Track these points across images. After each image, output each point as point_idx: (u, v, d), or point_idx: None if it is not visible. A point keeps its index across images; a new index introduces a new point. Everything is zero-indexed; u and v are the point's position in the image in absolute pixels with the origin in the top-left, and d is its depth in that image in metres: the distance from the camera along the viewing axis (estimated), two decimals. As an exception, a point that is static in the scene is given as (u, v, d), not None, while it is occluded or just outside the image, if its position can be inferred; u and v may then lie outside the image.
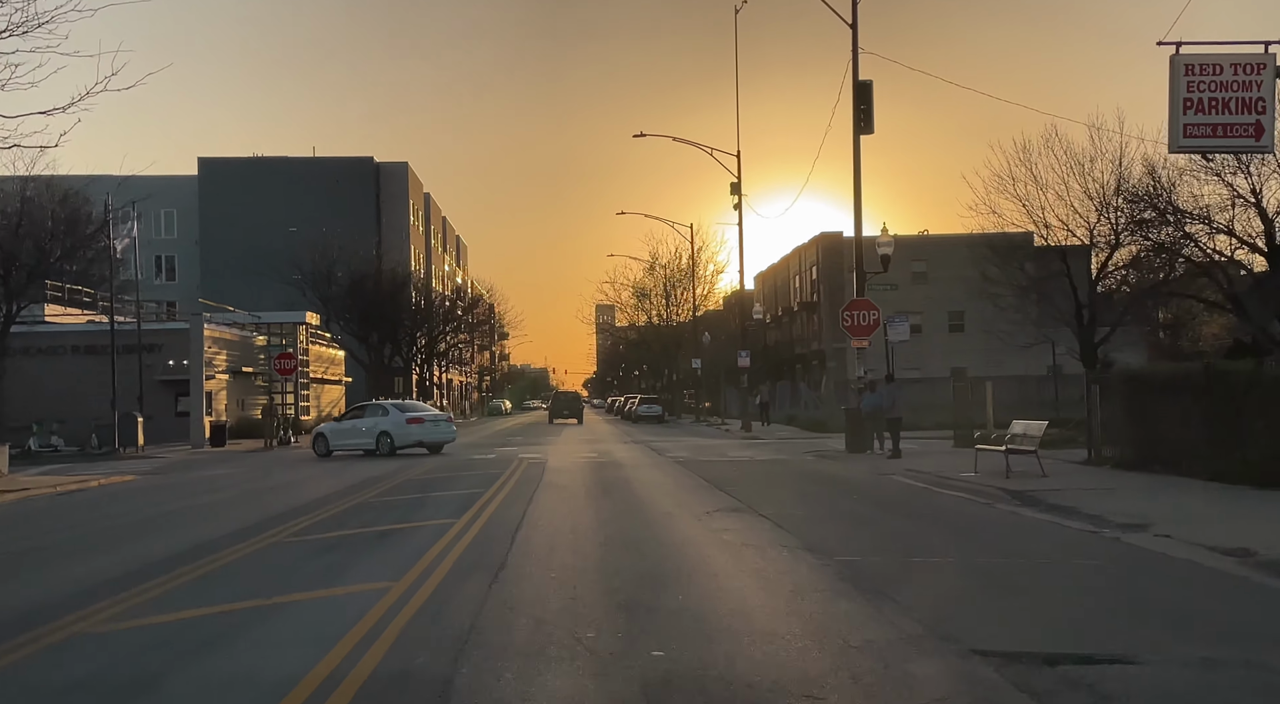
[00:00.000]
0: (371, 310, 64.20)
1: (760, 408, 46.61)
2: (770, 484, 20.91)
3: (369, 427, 33.50)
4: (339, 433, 34.33)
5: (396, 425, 32.72)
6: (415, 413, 34.17)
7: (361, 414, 34.94)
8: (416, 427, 32.98)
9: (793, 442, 37.02)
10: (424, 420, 33.30)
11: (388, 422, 33.04)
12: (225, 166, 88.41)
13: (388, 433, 32.75)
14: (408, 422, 32.81)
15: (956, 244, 74.53)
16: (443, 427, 33.69)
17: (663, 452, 32.21)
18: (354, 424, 34.25)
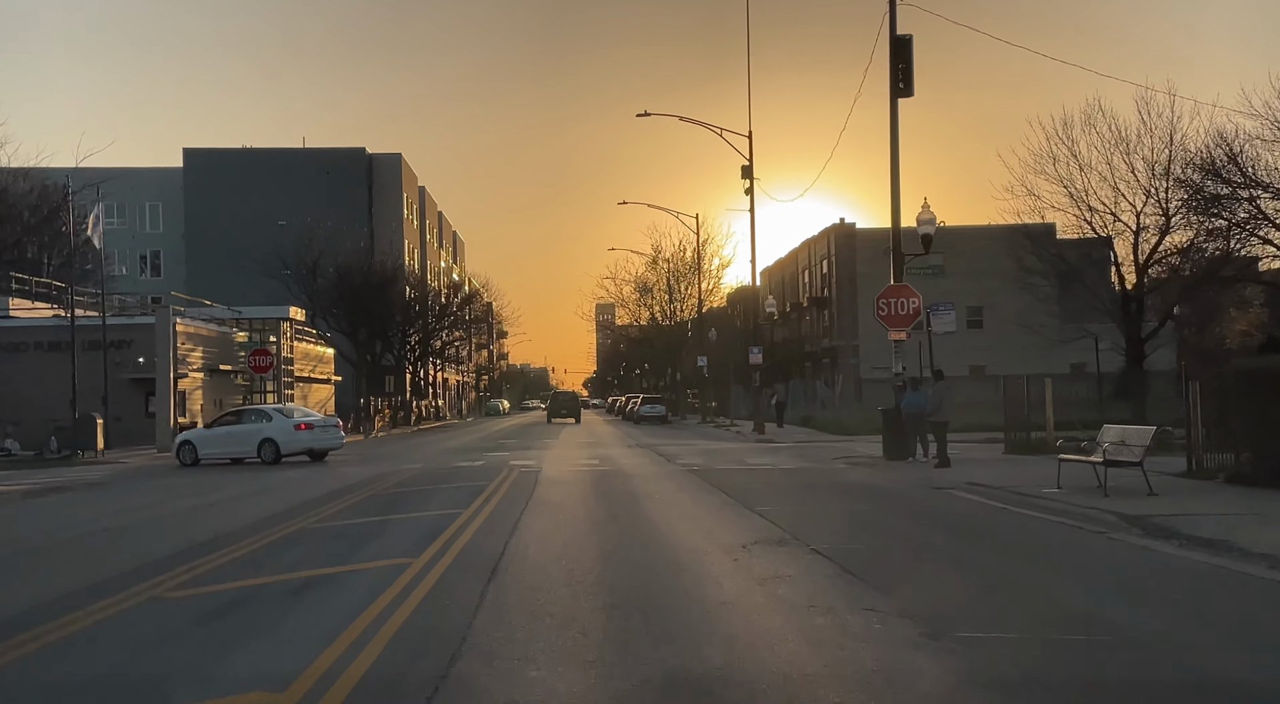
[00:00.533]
0: (360, 305, 60.48)
1: (776, 408, 42.91)
2: (809, 501, 17.18)
3: (249, 433, 31.19)
4: (210, 440, 31.49)
5: (283, 432, 30.71)
6: (303, 418, 32.00)
7: (238, 420, 32.24)
8: (306, 433, 31.04)
9: (814, 446, 33.29)
10: (313, 426, 31.48)
11: (272, 428, 30.86)
12: (211, 158, 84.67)
13: (272, 440, 30.58)
14: (296, 428, 30.86)
15: (974, 236, 70.75)
16: (331, 433, 31.96)
17: (672, 458, 28.50)
18: (229, 431, 31.65)
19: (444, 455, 32.25)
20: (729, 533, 13.09)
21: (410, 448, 39.16)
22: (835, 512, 15.76)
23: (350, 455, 34.01)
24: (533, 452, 33.02)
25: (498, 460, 28.45)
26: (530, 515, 15.19)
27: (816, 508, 16.19)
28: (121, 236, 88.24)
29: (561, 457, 30.15)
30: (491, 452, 33.39)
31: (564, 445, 37.71)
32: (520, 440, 42.70)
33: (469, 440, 44.29)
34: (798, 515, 14.92)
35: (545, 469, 24.88)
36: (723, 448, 33.74)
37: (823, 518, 14.83)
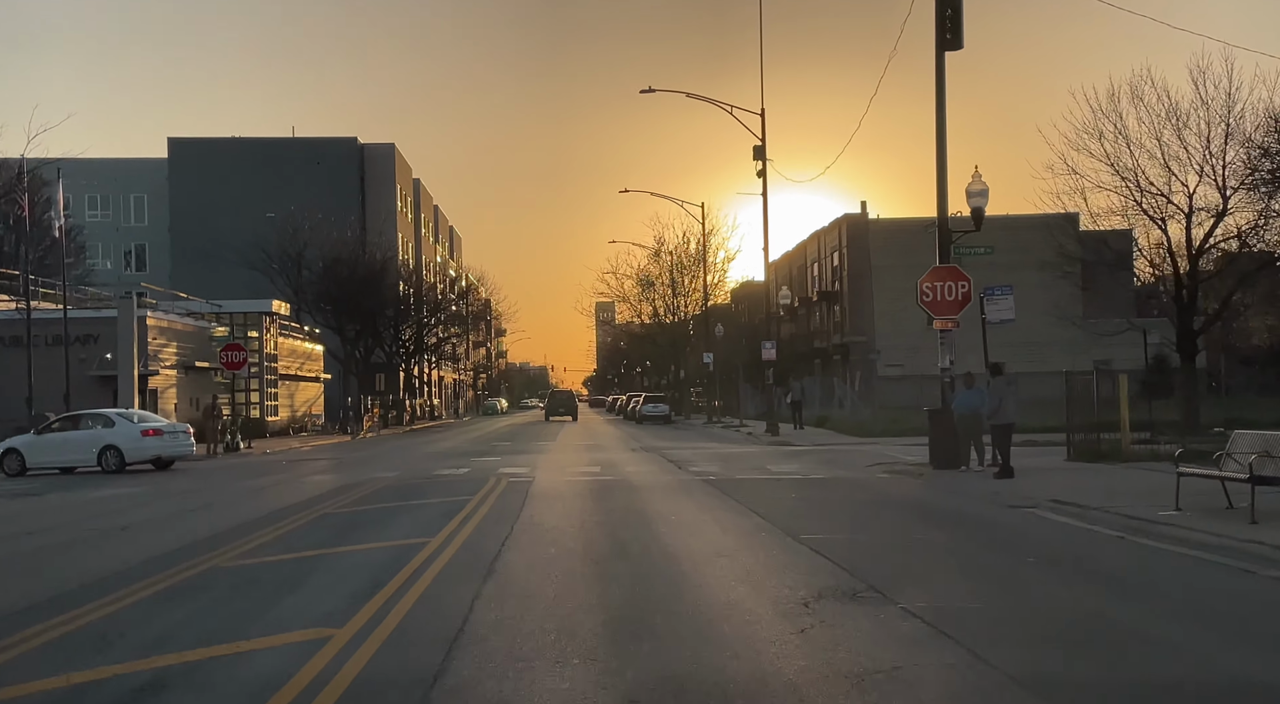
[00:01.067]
0: (347, 298, 56.98)
1: (791, 408, 39.38)
2: (864, 526, 13.72)
3: (87, 440, 28.28)
4: (40, 448, 28.32)
5: (129, 439, 28.12)
6: (151, 424, 29.14)
7: (75, 425, 29.01)
8: (154, 440, 28.33)
9: (840, 450, 29.79)
10: (162, 433, 28.80)
11: (116, 434, 28.15)
12: (197, 148, 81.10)
13: (115, 447, 27.91)
14: (143, 434, 28.28)
15: (996, 226, 67.35)
16: (181, 439, 29.34)
17: (683, 464, 25.00)
18: (64, 437, 28.50)
19: (427, 461, 28.75)
20: (778, 579, 9.60)
21: (394, 451, 35.67)
22: (903, 541, 12.29)
23: (323, 461, 30.52)
24: (526, 456, 29.52)
25: (485, 468, 24.94)
26: (512, 550, 11.68)
27: (877, 536, 12.73)
28: (104, 229, 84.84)
29: (558, 462, 26.65)
30: (481, 456, 29.87)
31: (561, 448, 34.22)
32: (514, 443, 39.21)
33: (459, 442, 40.79)
34: (858, 548, 11.47)
35: (538, 479, 21.38)
36: (737, 452, 30.24)
37: (892, 552, 11.36)
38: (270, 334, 54.96)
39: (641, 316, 72.33)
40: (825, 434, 38.19)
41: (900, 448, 30.34)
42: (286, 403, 59.86)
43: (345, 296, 56.69)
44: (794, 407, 39.04)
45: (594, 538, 12.69)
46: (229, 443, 38.05)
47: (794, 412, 39.11)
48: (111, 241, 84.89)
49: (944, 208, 22.15)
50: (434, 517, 14.83)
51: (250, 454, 37.36)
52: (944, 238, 22.01)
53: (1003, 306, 21.74)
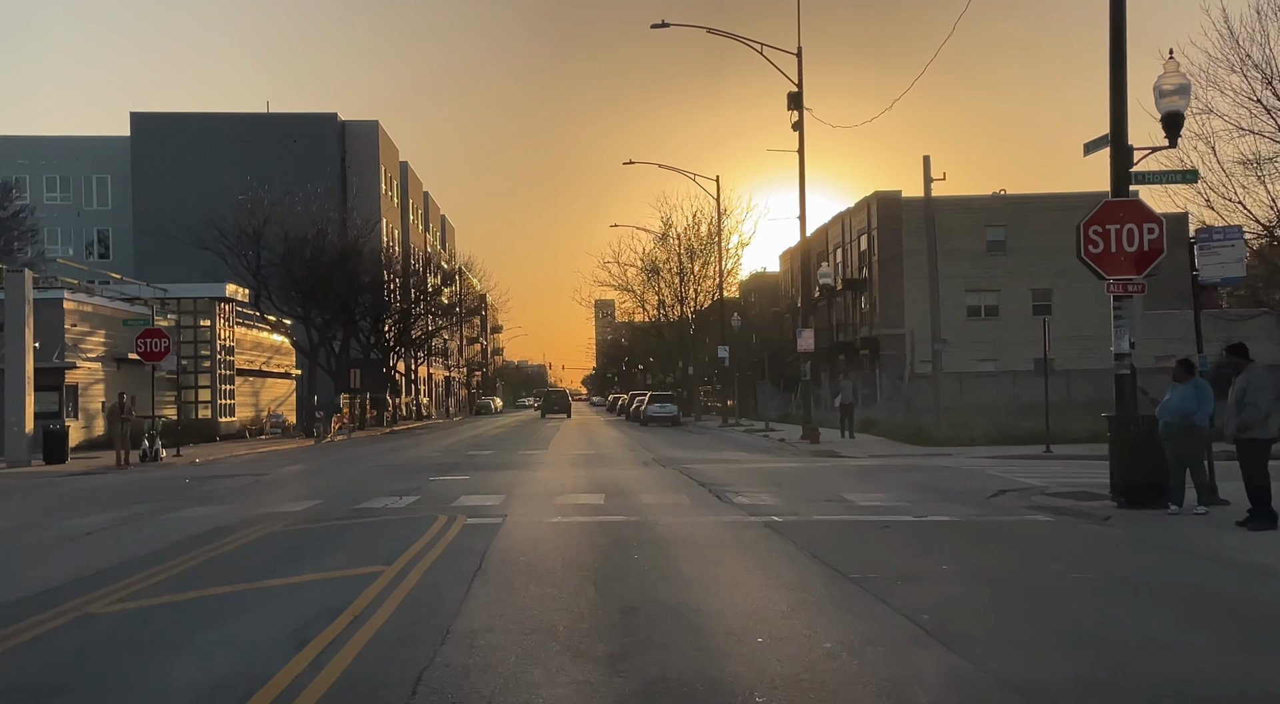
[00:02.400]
0: (314, 283, 49.45)
1: (841, 411, 31.70)
2: (1123, 650, 6.16)
3: None
4: None
5: None
6: None
7: None
8: None
9: (921, 467, 22.32)
10: None
11: None
12: (162, 123, 73.59)
13: None
14: None
15: (1040, 205, 59.77)
16: None
17: (720, 490, 17.53)
18: None
19: (373, 479, 21.26)
20: None
21: (345, 463, 28.19)
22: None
23: (241, 479, 23.02)
24: (505, 475, 22.00)
25: (442, 495, 17.45)
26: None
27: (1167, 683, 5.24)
28: (65, 214, 77.28)
29: (545, 486, 19.13)
30: (446, 474, 22.33)
31: (553, 461, 26.69)
32: (497, 451, 31.70)
33: (430, 451, 33.30)
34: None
35: (512, 519, 13.93)
36: (783, 469, 22.73)
37: None
38: (225, 323, 47.50)
39: (646, 307, 64.79)
40: (878, 442, 30.71)
41: (997, 462, 22.99)
42: (248, 401, 52.37)
43: (312, 281, 49.17)
44: (843, 410, 31.35)
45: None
46: (146, 451, 30.55)
47: (843, 416, 31.47)
48: (73, 226, 77.38)
49: (1121, 109, 14.53)
50: (276, 635, 7.33)
51: (170, 464, 29.91)
52: (1121, 159, 14.45)
53: (1227, 258, 13.93)
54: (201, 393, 46.76)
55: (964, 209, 56.21)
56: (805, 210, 33.12)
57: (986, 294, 56.06)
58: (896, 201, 56.46)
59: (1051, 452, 26.33)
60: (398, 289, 66.16)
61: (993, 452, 26.71)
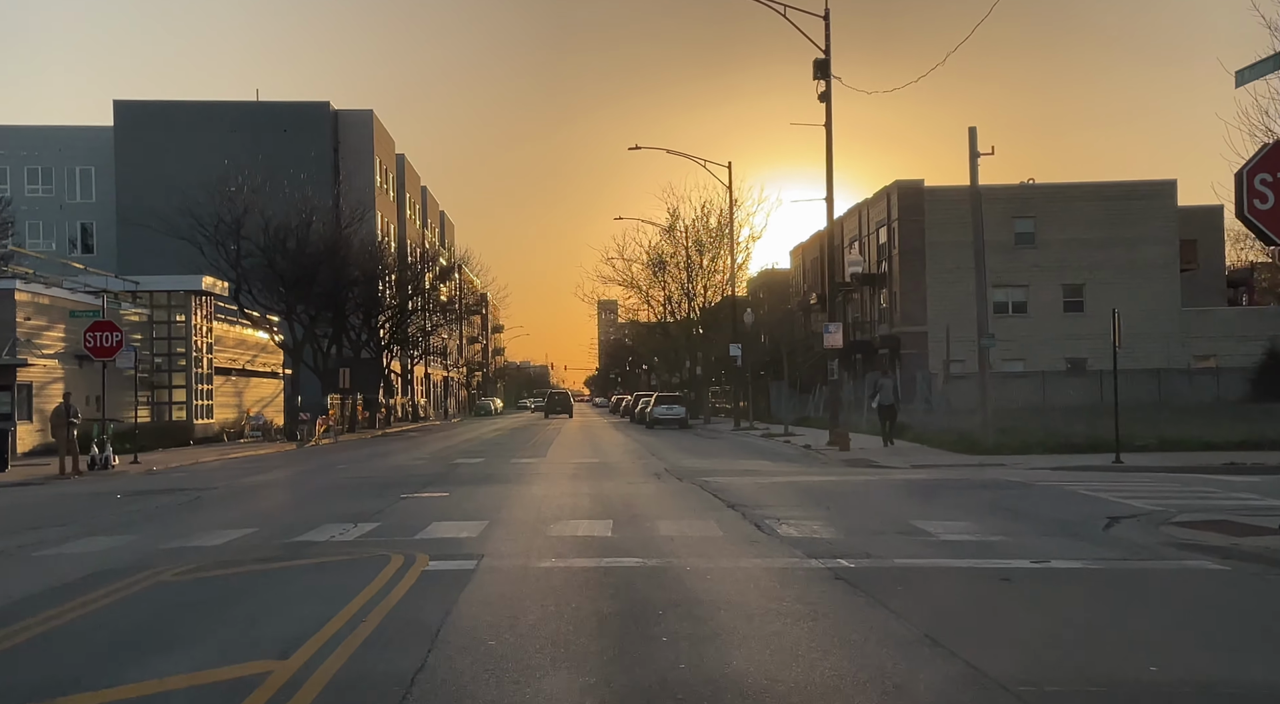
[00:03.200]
0: (299, 275, 45.86)
1: (881, 414, 27.82)
2: None
3: None
4: None
5: None
6: None
7: None
8: None
9: (992, 481, 18.72)
10: None
11: None
12: (146, 111, 70.03)
13: None
14: None
15: (1072, 195, 56.13)
16: None
17: (757, 515, 13.92)
18: None
19: (333, 497, 17.68)
20: None
21: (311, 473, 24.62)
22: None
23: (181, 495, 19.41)
24: (493, 490, 18.41)
25: (409, 521, 13.87)
26: None
27: None
28: (47, 206, 73.76)
29: (539, 508, 15.53)
30: (422, 489, 18.73)
31: (551, 472, 23.08)
32: (489, 459, 28.09)
33: (416, 457, 29.71)
34: None
35: (490, 560, 10.36)
36: (822, 484, 19.10)
37: None
38: (201, 318, 43.97)
39: (652, 304, 61.13)
40: (917, 449, 27.04)
41: (1067, 475, 19.50)
42: (230, 402, 48.83)
43: (296, 273, 45.60)
44: (884, 413, 27.62)
45: None
46: (95, 458, 26.98)
47: (883, 419, 27.72)
48: (55, 220, 73.79)
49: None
50: None
51: (120, 473, 26.35)
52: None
53: None
54: (176, 393, 43.24)
55: (990, 199, 52.22)
56: (833, 189, 29.60)
57: (1014, 290, 52.45)
58: (918, 191, 52.86)
59: (1123, 462, 22.78)
60: (394, 284, 62.63)
61: (1052, 461, 23.19)
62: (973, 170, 26.90)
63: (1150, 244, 51.54)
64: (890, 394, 26.83)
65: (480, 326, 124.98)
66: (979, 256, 27.57)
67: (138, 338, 42.17)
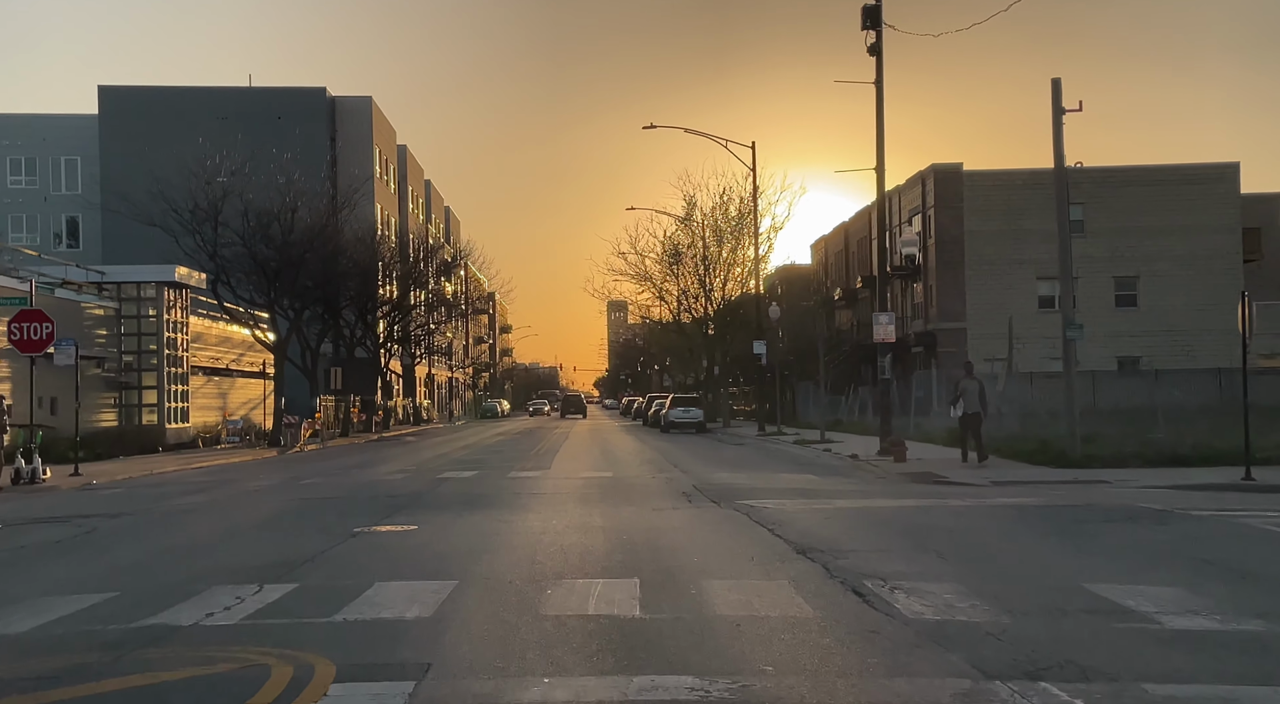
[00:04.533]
0: (283, 266, 41.53)
1: (965, 423, 22.40)
2: None
3: None
4: None
5: None
6: None
7: None
8: None
9: (1124, 508, 14.37)
10: None
11: None
12: (134, 98, 65.92)
13: None
14: None
15: (1126, 180, 51.64)
16: None
17: (851, 570, 9.45)
18: None
19: (256, 536, 13.26)
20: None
21: (263, 494, 20.23)
22: None
23: (70, 526, 15.00)
24: (476, 523, 13.96)
25: (337, 582, 9.45)
26: None
27: None
28: (31, 199, 69.64)
29: (533, 554, 11.10)
30: (382, 521, 14.25)
31: (555, 491, 18.62)
32: (484, 471, 23.66)
33: (397, 470, 25.31)
34: None
35: (435, 687, 5.89)
36: (904, 513, 14.63)
37: None
38: (179, 312, 39.69)
39: (666, 300, 56.65)
40: (993, 462, 22.46)
41: (1207, 497, 15.07)
42: (213, 405, 44.55)
43: (279, 263, 41.27)
44: (967, 422, 22.37)
45: None
46: (20, 470, 22.66)
47: (965, 430, 22.60)
48: (39, 212, 69.62)
49: None
50: None
51: (47, 489, 22.02)
52: None
53: None
54: (146, 395, 38.94)
55: (1035, 184, 48.07)
56: (884, 156, 25.12)
57: (1059, 281, 47.86)
58: (957, 176, 48.38)
59: (1254, 479, 18.35)
60: (395, 279, 58.32)
61: (1163, 477, 18.86)
62: (1056, 129, 22.41)
63: (1210, 233, 47.01)
64: (976, 399, 22.10)
65: (487, 326, 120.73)
66: (1063, 231, 23.14)
67: (103, 334, 37.96)
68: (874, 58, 24.92)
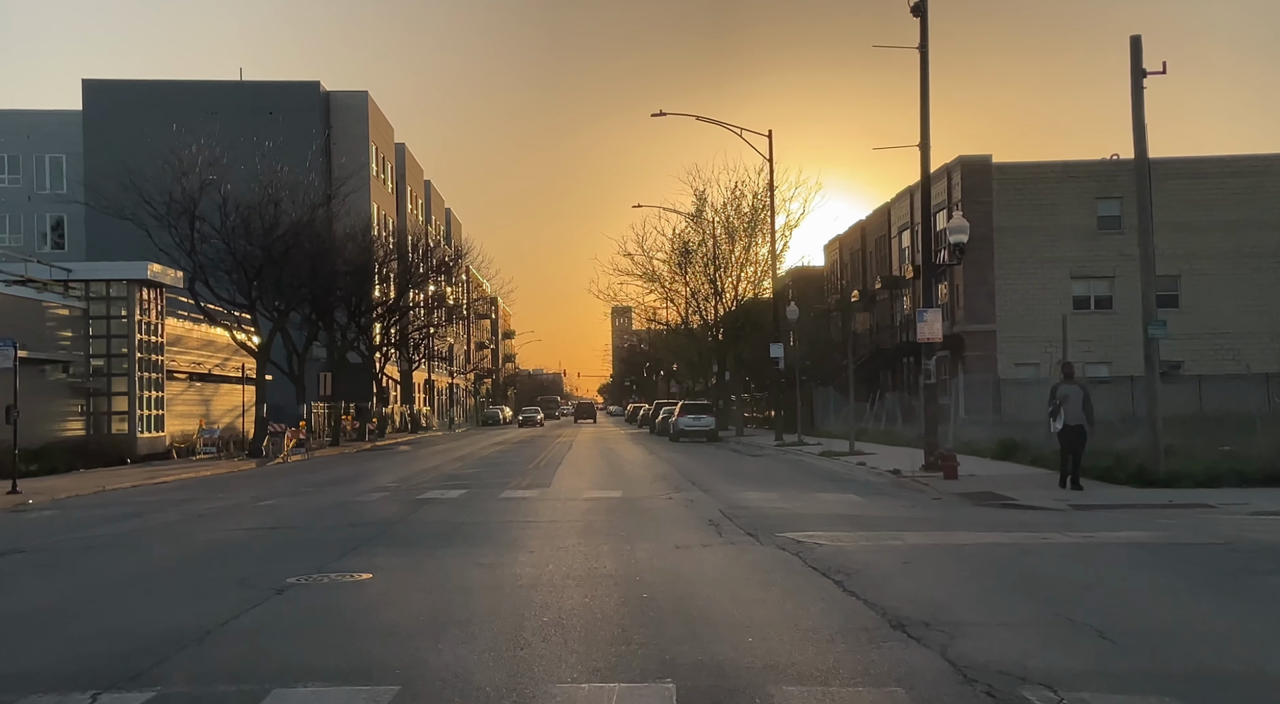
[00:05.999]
0: (265, 263, 38.40)
1: (1065, 438, 18.53)
2: None
3: None
4: None
5: None
6: None
7: None
8: None
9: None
10: None
11: None
12: (120, 92, 62.85)
13: None
14: None
15: (1169, 173, 48.40)
16: None
17: (1000, 680, 6.24)
18: None
19: (166, 584, 10.12)
20: None
21: (213, 517, 17.03)
22: None
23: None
24: (451, 567, 10.78)
25: (225, 679, 6.23)
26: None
27: None
28: (14, 198, 66.58)
29: (524, 616, 8.02)
30: (331, 566, 11.05)
31: (553, 517, 15.44)
32: (474, 489, 20.48)
33: (376, 489, 22.13)
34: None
35: None
36: (999, 550, 11.41)
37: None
38: (155, 314, 36.60)
39: (674, 301, 53.46)
40: (1109, 489, 19.17)
41: None
42: (195, 412, 41.45)
43: (260, 260, 38.13)
44: (1068, 436, 18.16)
45: None
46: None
47: (1066, 447, 18.28)
48: (23, 212, 66.57)
49: None
50: None
51: None
52: None
53: None
54: (117, 401, 35.80)
55: (1069, 176, 44.97)
56: (929, 129, 22.01)
57: (1097, 283, 44.70)
58: (985, 168, 45.20)
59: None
60: (392, 279, 55.22)
61: (1274, 500, 15.65)
62: (1136, 95, 19.19)
63: (1257, 229, 43.80)
64: (1079, 409, 18.30)
65: (490, 331, 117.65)
66: (1144, 215, 19.89)
67: (68, 335, 34.87)
68: (918, 18, 21.79)
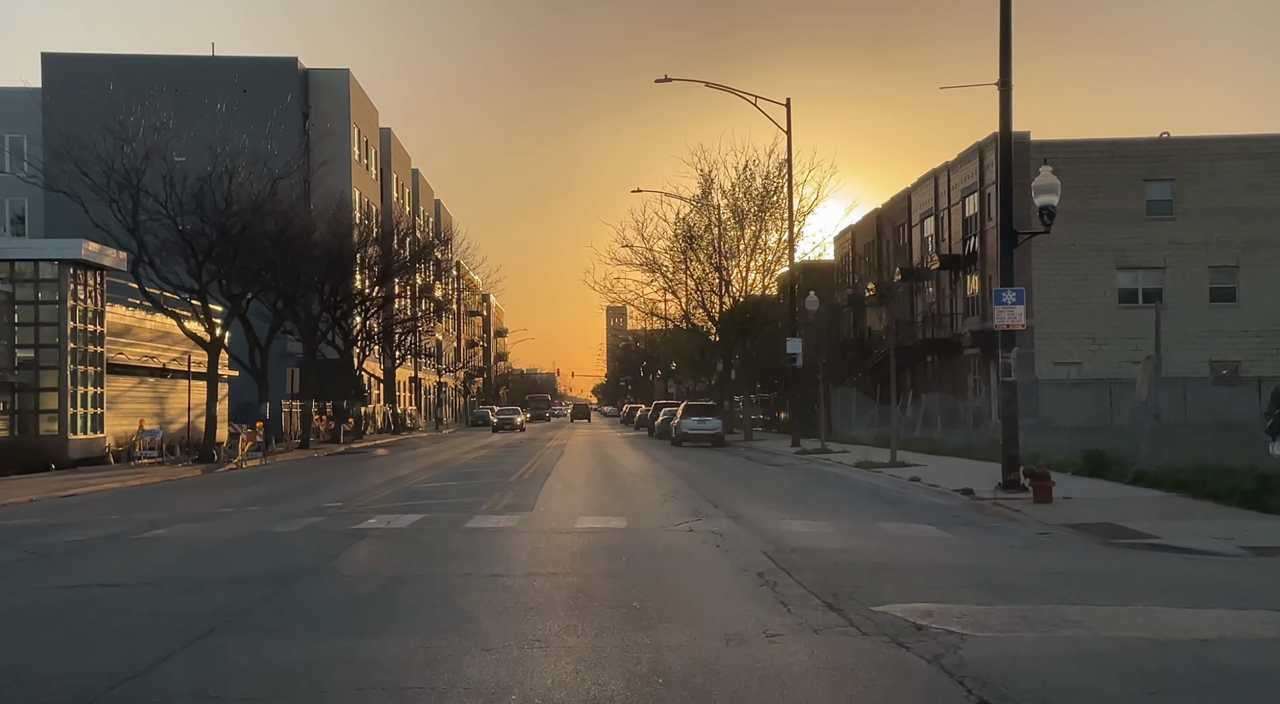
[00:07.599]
0: (221, 244, 33.69)
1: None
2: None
3: None
4: None
5: None
6: None
7: None
8: None
9: None
10: None
11: None
12: (82, 67, 58.07)
13: None
14: None
15: (1224, 153, 43.83)
16: None
17: None
18: None
19: None
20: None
21: (54, 562, 12.40)
22: None
23: None
24: (361, 683, 6.11)
25: None
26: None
27: None
28: (-29, 180, 61.81)
29: None
30: (149, 673, 6.47)
31: (533, 569, 10.84)
32: (434, 514, 15.82)
33: (320, 506, 17.44)
34: None
35: None
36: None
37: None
38: (96, 300, 31.98)
39: (676, 292, 48.80)
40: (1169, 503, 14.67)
41: None
42: (147, 410, 36.72)
43: (210, 240, 33.45)
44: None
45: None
46: None
47: None
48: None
49: None
50: None
51: None
52: None
53: None
54: (46, 398, 31.14)
55: (1115, 156, 40.37)
56: (1010, 65, 17.52)
57: (1145, 274, 40.09)
58: (1023, 147, 40.35)
59: None
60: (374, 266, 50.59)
61: None
62: None
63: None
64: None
65: (481, 329, 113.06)
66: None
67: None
68: (998, -74, 17.20)
